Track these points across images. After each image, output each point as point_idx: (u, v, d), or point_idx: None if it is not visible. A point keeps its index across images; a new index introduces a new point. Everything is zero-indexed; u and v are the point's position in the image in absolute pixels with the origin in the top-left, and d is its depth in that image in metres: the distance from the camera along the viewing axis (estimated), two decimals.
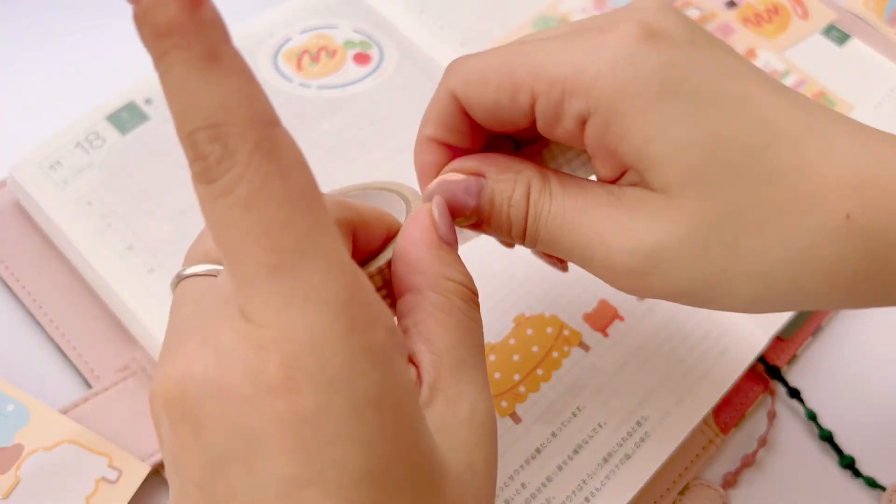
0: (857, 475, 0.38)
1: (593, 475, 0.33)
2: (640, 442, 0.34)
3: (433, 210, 0.25)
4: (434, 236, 0.24)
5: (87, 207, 0.37)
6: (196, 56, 0.17)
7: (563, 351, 0.36)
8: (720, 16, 0.50)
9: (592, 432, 0.34)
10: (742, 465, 0.38)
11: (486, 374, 0.23)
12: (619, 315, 0.37)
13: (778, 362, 0.40)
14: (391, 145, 0.41)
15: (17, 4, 0.50)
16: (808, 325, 0.41)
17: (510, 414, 0.34)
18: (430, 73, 0.44)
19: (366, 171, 0.40)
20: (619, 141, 0.24)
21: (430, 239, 0.24)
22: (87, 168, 0.38)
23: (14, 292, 0.38)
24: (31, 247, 0.39)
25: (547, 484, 0.33)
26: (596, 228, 0.25)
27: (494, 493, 0.23)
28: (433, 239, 0.24)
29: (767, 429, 0.38)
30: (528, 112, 0.25)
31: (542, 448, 0.34)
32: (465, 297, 0.24)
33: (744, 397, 0.39)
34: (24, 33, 0.48)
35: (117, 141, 0.39)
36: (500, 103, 0.25)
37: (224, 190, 0.18)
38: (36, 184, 0.38)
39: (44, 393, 0.35)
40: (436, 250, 0.24)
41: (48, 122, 0.44)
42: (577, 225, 0.26)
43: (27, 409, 0.34)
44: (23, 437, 0.34)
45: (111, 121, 0.40)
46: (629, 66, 0.24)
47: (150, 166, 0.39)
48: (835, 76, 0.48)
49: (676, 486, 0.37)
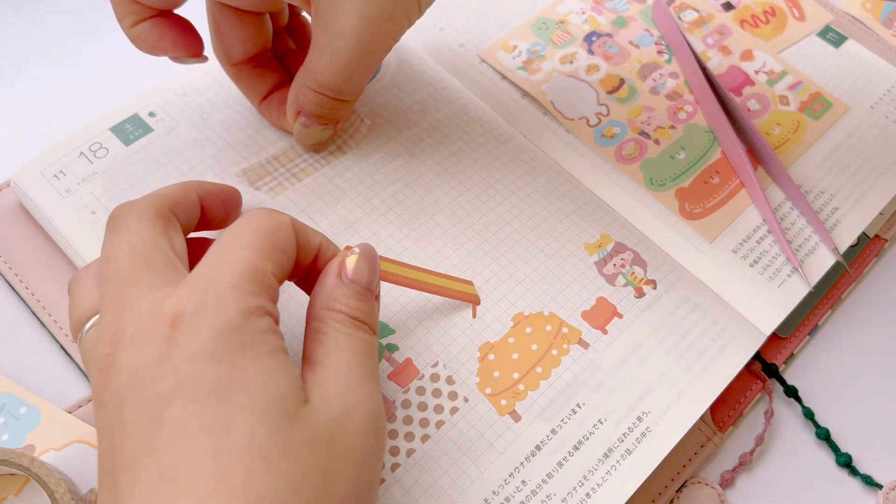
0: (854, 473, 0.38)
1: (594, 471, 0.33)
2: (642, 437, 0.34)
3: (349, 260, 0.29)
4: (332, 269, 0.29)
5: (91, 216, 0.38)
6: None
7: (562, 349, 0.36)
8: (717, 18, 0.50)
9: (593, 428, 0.34)
10: (739, 463, 0.38)
11: (379, 389, 0.28)
12: (617, 313, 0.38)
13: (775, 361, 0.41)
14: (390, 148, 0.41)
15: (26, 15, 0.50)
16: (806, 325, 0.42)
17: (510, 412, 0.34)
18: (427, 75, 0.45)
19: (367, 171, 0.40)
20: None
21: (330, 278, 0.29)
22: (91, 177, 0.39)
23: (19, 293, 0.39)
24: (37, 249, 0.39)
25: (547, 481, 0.33)
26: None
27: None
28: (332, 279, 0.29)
29: (765, 427, 0.39)
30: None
31: (542, 445, 0.34)
32: (349, 323, 0.28)
33: (741, 396, 0.39)
34: (32, 42, 0.49)
35: (120, 151, 0.40)
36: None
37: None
38: (40, 192, 0.38)
39: (51, 393, 0.36)
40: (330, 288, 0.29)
41: (53, 129, 0.44)
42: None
43: (39, 412, 0.35)
44: (34, 438, 0.34)
45: (115, 132, 0.40)
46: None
47: (152, 177, 0.39)
48: (831, 78, 0.49)
49: (674, 484, 0.37)
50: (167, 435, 0.23)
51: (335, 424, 0.25)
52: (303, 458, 0.23)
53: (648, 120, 0.45)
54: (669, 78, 0.47)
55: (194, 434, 0.23)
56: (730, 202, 0.42)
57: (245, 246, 0.26)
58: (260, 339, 0.24)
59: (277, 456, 0.23)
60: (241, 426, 0.23)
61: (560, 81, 0.46)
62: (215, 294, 0.24)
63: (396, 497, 0.32)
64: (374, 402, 0.27)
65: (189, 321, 0.24)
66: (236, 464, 0.22)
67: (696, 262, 0.40)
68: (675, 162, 0.44)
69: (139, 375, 0.24)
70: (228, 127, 0.41)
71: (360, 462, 0.25)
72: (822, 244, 0.41)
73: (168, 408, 0.23)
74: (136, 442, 0.23)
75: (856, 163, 0.45)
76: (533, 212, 0.40)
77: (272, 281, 0.26)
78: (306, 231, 0.29)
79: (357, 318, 0.28)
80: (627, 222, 0.41)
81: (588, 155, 0.44)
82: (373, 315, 0.29)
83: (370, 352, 0.28)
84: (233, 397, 0.23)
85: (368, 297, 0.29)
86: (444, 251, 0.38)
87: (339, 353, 0.27)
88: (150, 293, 0.25)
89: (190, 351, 0.24)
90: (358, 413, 0.26)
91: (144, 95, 0.42)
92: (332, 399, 0.25)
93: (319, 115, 0.37)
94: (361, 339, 0.28)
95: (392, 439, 0.33)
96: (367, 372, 0.27)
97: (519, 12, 0.49)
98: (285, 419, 0.24)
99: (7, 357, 0.37)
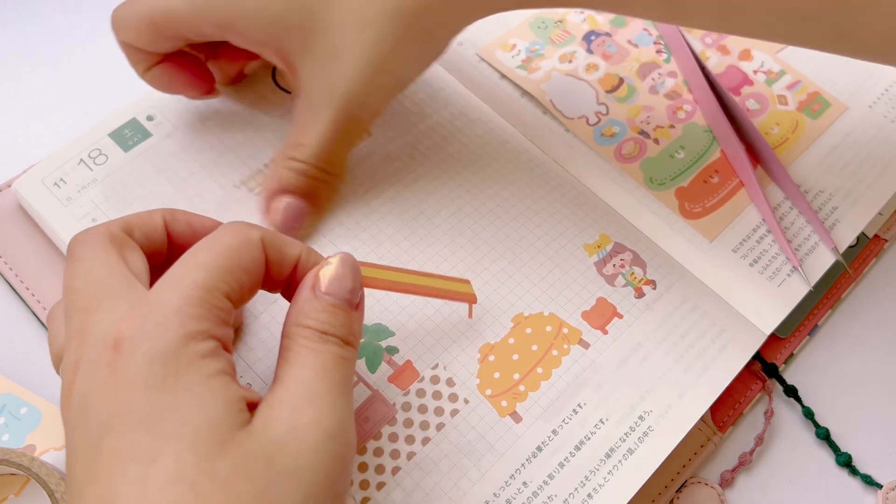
0: (854, 473, 0.38)
1: (596, 471, 0.34)
2: (643, 436, 0.34)
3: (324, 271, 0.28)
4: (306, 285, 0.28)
5: (92, 224, 0.37)
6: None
7: (562, 349, 0.36)
8: None
9: (594, 428, 0.35)
10: (739, 463, 0.38)
11: (347, 403, 0.27)
12: (617, 313, 0.38)
13: (775, 361, 0.41)
14: (389, 150, 0.41)
15: (25, 16, 0.50)
16: (806, 325, 0.42)
17: (510, 413, 0.34)
18: (427, 76, 0.45)
19: (366, 175, 0.40)
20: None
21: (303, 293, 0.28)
22: (91, 185, 0.39)
23: (19, 293, 0.39)
24: (37, 250, 0.39)
25: (549, 481, 0.33)
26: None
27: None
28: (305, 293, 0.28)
29: (765, 427, 0.39)
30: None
31: (544, 446, 0.34)
32: (316, 338, 0.27)
33: (741, 396, 0.39)
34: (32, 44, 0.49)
35: (120, 158, 0.40)
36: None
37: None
38: (41, 200, 0.38)
39: (51, 394, 0.36)
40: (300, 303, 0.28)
41: (53, 130, 0.44)
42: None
43: (39, 412, 0.35)
44: (35, 438, 0.34)
45: (113, 137, 0.40)
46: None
47: (151, 183, 0.39)
48: (829, 77, 0.48)
49: (674, 484, 0.37)
50: (105, 463, 0.23)
51: (276, 447, 0.24)
52: (235, 484, 0.23)
53: (648, 119, 0.45)
54: (668, 77, 0.47)
55: (126, 463, 0.23)
56: (729, 201, 0.42)
57: (200, 266, 0.26)
58: (197, 364, 0.24)
59: (206, 484, 0.22)
60: (168, 454, 0.23)
61: (559, 80, 0.46)
62: (156, 319, 0.24)
63: (398, 500, 0.32)
64: (332, 418, 0.25)
65: (128, 347, 0.24)
66: (162, 494, 0.22)
67: (695, 261, 0.40)
68: (674, 161, 0.44)
69: (86, 402, 0.24)
70: (227, 129, 0.41)
71: (310, 484, 0.24)
72: (822, 244, 0.41)
73: (106, 436, 0.23)
74: (82, 469, 0.23)
75: (854, 162, 0.45)
76: (532, 212, 0.40)
77: (223, 303, 0.26)
78: (281, 244, 0.28)
79: (326, 332, 0.27)
80: (627, 222, 0.41)
81: (588, 154, 0.44)
82: (349, 326, 0.28)
83: (338, 365, 0.27)
84: (162, 425, 0.23)
85: (343, 309, 0.28)
86: (443, 253, 0.38)
87: (300, 369, 0.26)
88: (110, 317, 0.25)
89: (126, 378, 0.24)
90: (308, 432, 0.24)
91: (142, 98, 0.42)
92: (280, 419, 0.24)
93: (306, 191, 0.36)
94: (328, 352, 0.27)
95: (392, 442, 0.33)
96: (330, 386, 0.26)
97: (518, 11, 0.49)
98: (216, 445, 0.23)
99: (8, 357, 0.37)
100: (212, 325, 0.25)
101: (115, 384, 0.24)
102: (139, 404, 0.23)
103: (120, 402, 0.23)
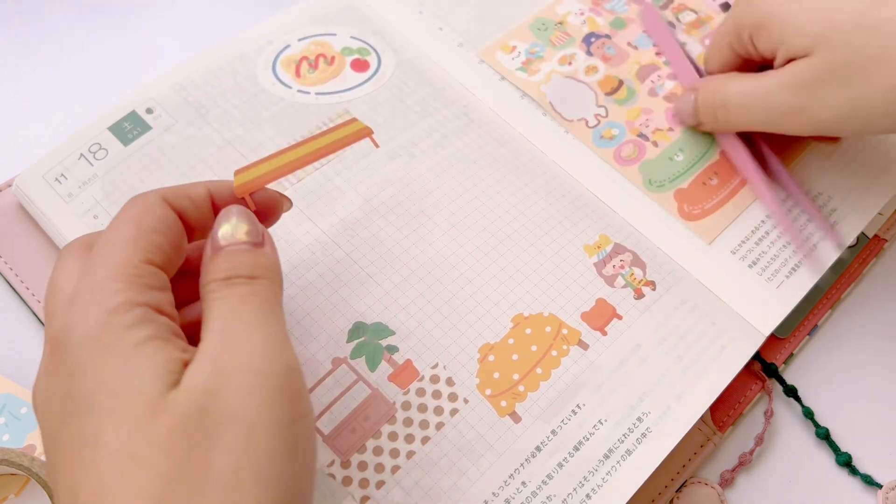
0: (854, 473, 0.38)
1: (594, 472, 0.34)
2: (642, 437, 0.34)
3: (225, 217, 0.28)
4: (207, 247, 0.28)
5: (93, 221, 0.38)
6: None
7: (561, 350, 0.36)
8: (716, 19, 0.50)
9: (593, 429, 0.35)
10: (739, 463, 0.38)
11: (269, 332, 0.25)
12: (617, 314, 0.38)
13: (775, 361, 0.41)
14: (390, 149, 0.41)
15: (25, 15, 0.50)
16: (806, 325, 0.42)
17: (510, 413, 0.34)
18: (427, 76, 0.45)
19: (365, 174, 0.40)
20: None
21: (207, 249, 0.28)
22: (92, 180, 0.39)
23: (19, 293, 0.39)
24: (37, 249, 0.39)
25: (548, 482, 0.33)
26: (760, 83, 0.39)
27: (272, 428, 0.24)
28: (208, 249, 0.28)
29: (764, 427, 0.39)
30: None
31: (542, 446, 0.34)
32: (221, 286, 0.26)
33: (741, 396, 0.39)
34: (32, 43, 0.49)
35: (120, 152, 0.40)
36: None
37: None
38: (43, 197, 0.38)
39: None
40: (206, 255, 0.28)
41: (53, 129, 0.44)
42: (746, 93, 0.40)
43: None
44: (35, 438, 0.35)
45: (113, 131, 0.40)
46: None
47: (151, 178, 0.39)
48: None
49: (674, 484, 0.37)
50: (66, 454, 0.23)
51: (206, 396, 0.23)
52: (171, 444, 0.23)
53: (647, 121, 0.45)
54: (668, 80, 0.47)
55: (79, 449, 0.23)
56: (729, 203, 0.42)
57: (108, 246, 0.26)
58: (123, 336, 0.24)
59: (144, 450, 0.22)
60: (107, 431, 0.23)
61: (559, 82, 0.46)
62: (80, 306, 0.25)
63: (397, 499, 0.32)
64: (255, 354, 0.24)
65: (61, 340, 0.25)
66: (109, 472, 0.22)
67: (695, 263, 0.40)
68: (673, 163, 0.44)
69: (40, 398, 0.25)
70: (226, 122, 0.41)
71: (250, 424, 0.23)
72: (825, 241, 0.41)
73: (61, 428, 0.24)
74: (51, 464, 0.24)
75: (854, 162, 0.45)
76: (532, 213, 0.40)
77: (145, 269, 0.26)
78: (184, 190, 0.29)
79: (229, 278, 0.26)
80: (627, 223, 0.41)
81: (587, 156, 0.44)
82: (253, 263, 0.27)
83: (246, 300, 0.26)
84: (98, 405, 0.23)
85: (243, 251, 0.27)
86: (443, 252, 0.38)
87: (213, 320, 0.25)
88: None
89: (65, 370, 0.24)
90: (235, 373, 0.24)
91: (141, 90, 0.42)
92: (202, 371, 0.24)
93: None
94: (235, 294, 0.26)
95: (392, 441, 0.33)
96: (246, 323, 0.25)
97: (517, 13, 0.49)
98: (147, 410, 0.23)
99: (8, 357, 0.37)
100: (135, 293, 0.25)
101: (58, 378, 0.24)
102: (78, 390, 0.24)
103: (64, 393, 0.24)
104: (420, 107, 0.44)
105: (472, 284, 0.37)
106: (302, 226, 0.38)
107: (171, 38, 0.49)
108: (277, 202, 0.31)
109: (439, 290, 0.37)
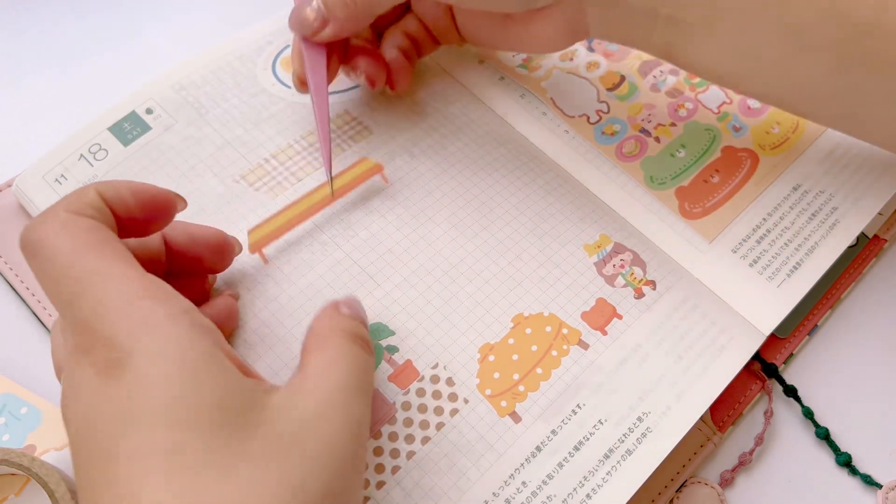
0: (854, 473, 0.38)
1: (594, 472, 0.34)
2: (642, 437, 0.35)
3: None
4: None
5: None
6: None
7: (561, 349, 0.36)
8: None
9: (593, 429, 0.35)
10: (739, 463, 0.38)
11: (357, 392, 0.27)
12: (617, 314, 0.38)
13: (775, 361, 0.41)
14: (389, 148, 0.41)
15: (25, 15, 0.50)
16: (806, 325, 0.42)
17: (510, 413, 0.34)
18: (428, 76, 0.45)
19: None
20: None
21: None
22: (92, 181, 0.39)
23: (19, 293, 0.39)
24: None
25: (548, 482, 0.33)
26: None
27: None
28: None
29: (764, 427, 0.39)
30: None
31: (543, 446, 0.34)
32: (349, 339, 0.29)
33: (741, 396, 0.39)
34: (32, 43, 0.49)
35: (120, 152, 0.40)
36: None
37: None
38: (43, 198, 0.38)
39: (52, 394, 0.36)
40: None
41: (53, 129, 0.44)
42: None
43: (40, 412, 0.35)
44: (35, 438, 0.35)
45: (113, 131, 0.40)
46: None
47: (151, 179, 0.39)
48: None
49: (674, 484, 0.37)
50: (125, 464, 0.23)
51: (305, 429, 0.25)
52: (268, 463, 0.24)
53: (649, 117, 0.45)
54: (670, 75, 0.47)
55: (148, 459, 0.23)
56: (729, 201, 0.42)
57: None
58: (199, 341, 0.25)
59: (240, 465, 0.23)
60: (193, 441, 0.23)
61: (560, 78, 0.46)
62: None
63: (397, 499, 0.32)
64: (358, 412, 0.27)
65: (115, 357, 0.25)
66: (192, 484, 0.22)
67: (695, 262, 0.40)
68: (675, 160, 0.44)
69: (93, 410, 0.25)
70: (226, 122, 0.41)
71: (336, 467, 0.25)
72: (824, 241, 0.41)
73: (122, 439, 0.23)
74: (100, 474, 0.23)
75: (855, 162, 0.44)
76: (533, 212, 0.40)
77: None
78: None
79: (355, 335, 0.29)
80: (627, 223, 0.41)
81: (588, 153, 0.44)
82: (369, 339, 0.30)
83: (365, 368, 0.28)
84: (177, 415, 0.23)
85: (364, 324, 0.31)
86: (443, 252, 0.38)
87: (331, 363, 0.28)
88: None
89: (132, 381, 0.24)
90: (338, 419, 0.26)
91: (141, 91, 0.42)
92: (307, 406, 0.26)
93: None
94: (358, 354, 0.28)
95: (392, 441, 0.33)
96: (357, 385, 0.27)
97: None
98: (239, 426, 0.24)
99: (8, 357, 0.37)
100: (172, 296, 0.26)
101: (119, 389, 0.24)
102: (151, 402, 0.23)
103: (129, 405, 0.23)
104: (419, 107, 0.43)
105: (472, 284, 0.37)
106: (302, 226, 0.38)
107: (170, 38, 0.49)
108: (171, 203, 0.31)
109: (439, 290, 0.37)
